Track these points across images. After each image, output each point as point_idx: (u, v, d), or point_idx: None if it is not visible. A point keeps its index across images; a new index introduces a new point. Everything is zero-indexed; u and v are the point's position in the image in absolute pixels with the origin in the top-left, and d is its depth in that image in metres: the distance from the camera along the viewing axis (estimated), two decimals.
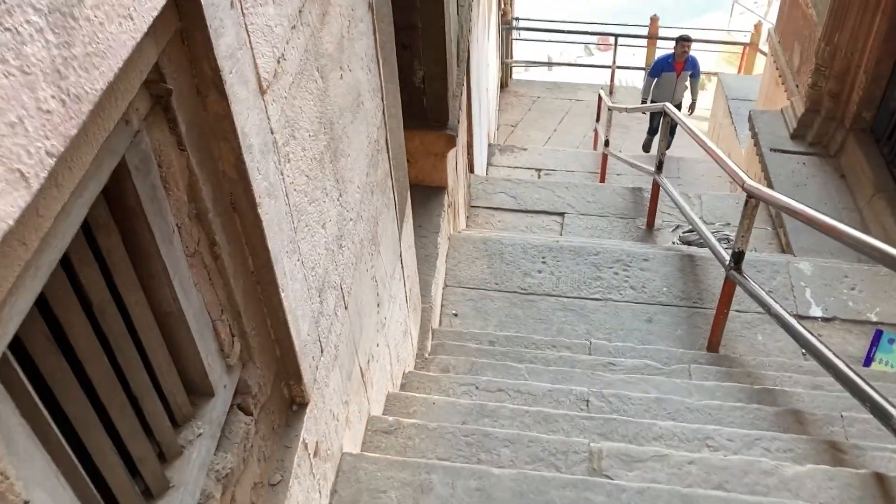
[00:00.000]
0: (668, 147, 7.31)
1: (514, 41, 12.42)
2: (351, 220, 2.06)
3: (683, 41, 8.24)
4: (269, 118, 1.38)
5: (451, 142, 4.50)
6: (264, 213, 1.37)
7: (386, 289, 2.57)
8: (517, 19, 12.19)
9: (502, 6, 11.29)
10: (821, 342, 2.89)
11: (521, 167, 9.24)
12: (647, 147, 9.44)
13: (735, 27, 22.13)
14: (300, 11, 1.54)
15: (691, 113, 8.74)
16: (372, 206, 2.34)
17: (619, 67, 12.40)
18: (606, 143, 8.34)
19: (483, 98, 8.05)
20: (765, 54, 12.09)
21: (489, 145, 9.45)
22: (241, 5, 1.23)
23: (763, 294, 3.37)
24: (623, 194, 6.41)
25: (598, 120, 10.32)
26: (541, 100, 12.12)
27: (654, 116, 8.97)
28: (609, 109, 8.18)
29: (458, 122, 4.65)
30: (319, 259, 1.76)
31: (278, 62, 1.41)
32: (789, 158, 6.12)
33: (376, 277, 2.40)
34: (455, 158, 5.01)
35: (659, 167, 5.68)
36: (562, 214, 6.16)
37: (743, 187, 3.51)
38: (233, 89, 1.21)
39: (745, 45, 11.32)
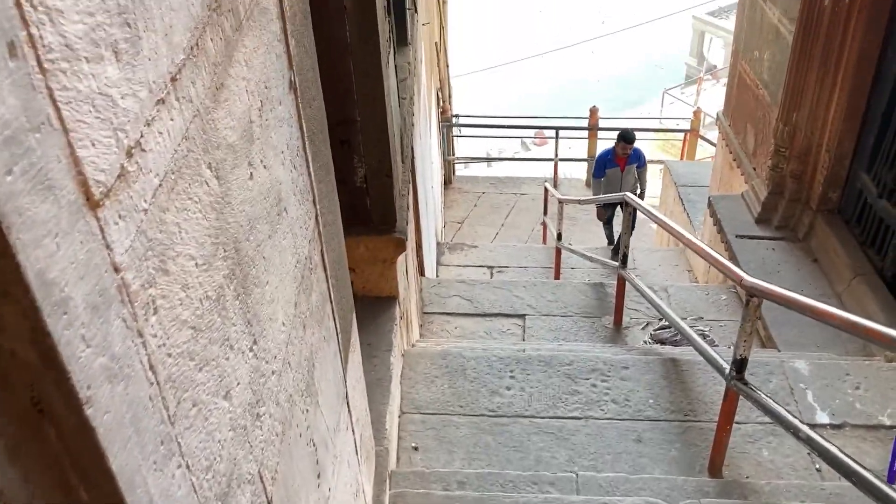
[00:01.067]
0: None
1: (455, 138, 12.24)
2: (273, 373, 1.48)
3: (625, 142, 7.67)
4: (109, 247, 0.81)
5: (401, 246, 3.98)
6: (99, 414, 0.78)
7: (329, 450, 1.96)
8: (457, 116, 12.05)
9: (442, 103, 11.12)
10: (866, 470, 2.37)
11: (472, 265, 8.78)
12: (611, 240, 8.88)
13: (667, 115, 22.84)
14: (174, 79, 1.00)
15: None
16: (305, 346, 1.76)
17: (561, 160, 12.29)
18: (559, 237, 7.97)
19: (429, 196, 7.64)
20: (707, 140, 12.17)
21: (437, 244, 9.00)
22: (39, 55, 0.69)
23: (780, 409, 2.86)
24: (585, 291, 5.95)
25: (545, 213, 10.04)
26: (486, 195, 11.85)
27: (607, 207, 8.57)
28: (560, 203, 7.83)
29: (407, 223, 4.15)
30: (221, 450, 1.16)
31: (129, 155, 0.86)
32: (757, 244, 5.78)
33: (314, 440, 1.79)
34: (405, 263, 4.48)
35: (623, 261, 5.26)
36: (522, 316, 5.65)
37: (741, 284, 3.06)
38: (15, 203, 0.65)
39: (686, 131, 11.33)
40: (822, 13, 5.00)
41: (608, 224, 8.94)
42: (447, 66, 11.73)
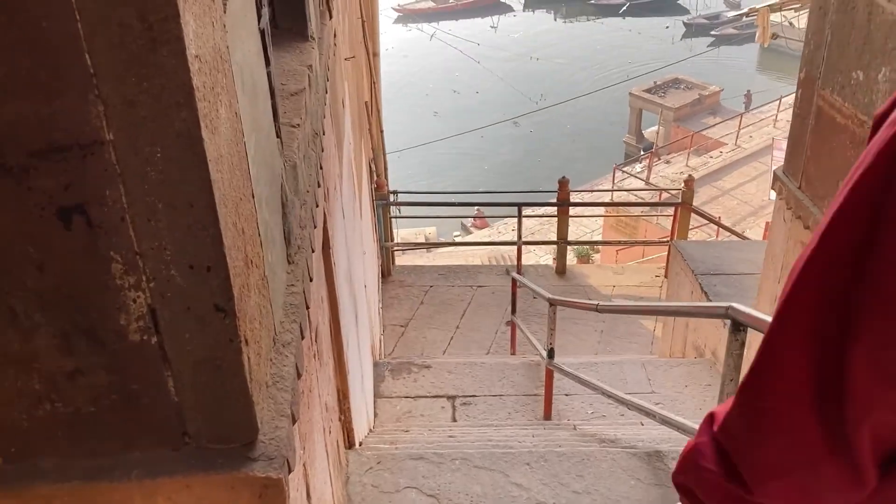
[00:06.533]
0: None
1: (392, 219, 9.82)
2: None
3: None
4: None
5: (275, 493, 1.44)
6: None
7: None
8: (395, 193, 9.62)
9: (376, 177, 8.75)
10: None
11: (425, 395, 6.22)
12: None
13: (617, 191, 21.15)
14: None
15: None
16: None
17: (525, 243, 10.00)
18: (551, 354, 5.52)
19: (361, 302, 5.12)
20: (702, 214, 10.09)
21: (375, 365, 6.44)
22: None
23: None
24: (633, 469, 3.45)
25: (513, 312, 7.66)
26: (434, 289, 9.40)
27: None
28: (551, 305, 5.40)
29: (295, 419, 1.60)
30: None
31: None
32: None
33: None
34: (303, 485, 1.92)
35: None
36: None
37: None
38: None
39: (676, 204, 9.19)
40: None
41: None
42: (381, 133, 9.42)
